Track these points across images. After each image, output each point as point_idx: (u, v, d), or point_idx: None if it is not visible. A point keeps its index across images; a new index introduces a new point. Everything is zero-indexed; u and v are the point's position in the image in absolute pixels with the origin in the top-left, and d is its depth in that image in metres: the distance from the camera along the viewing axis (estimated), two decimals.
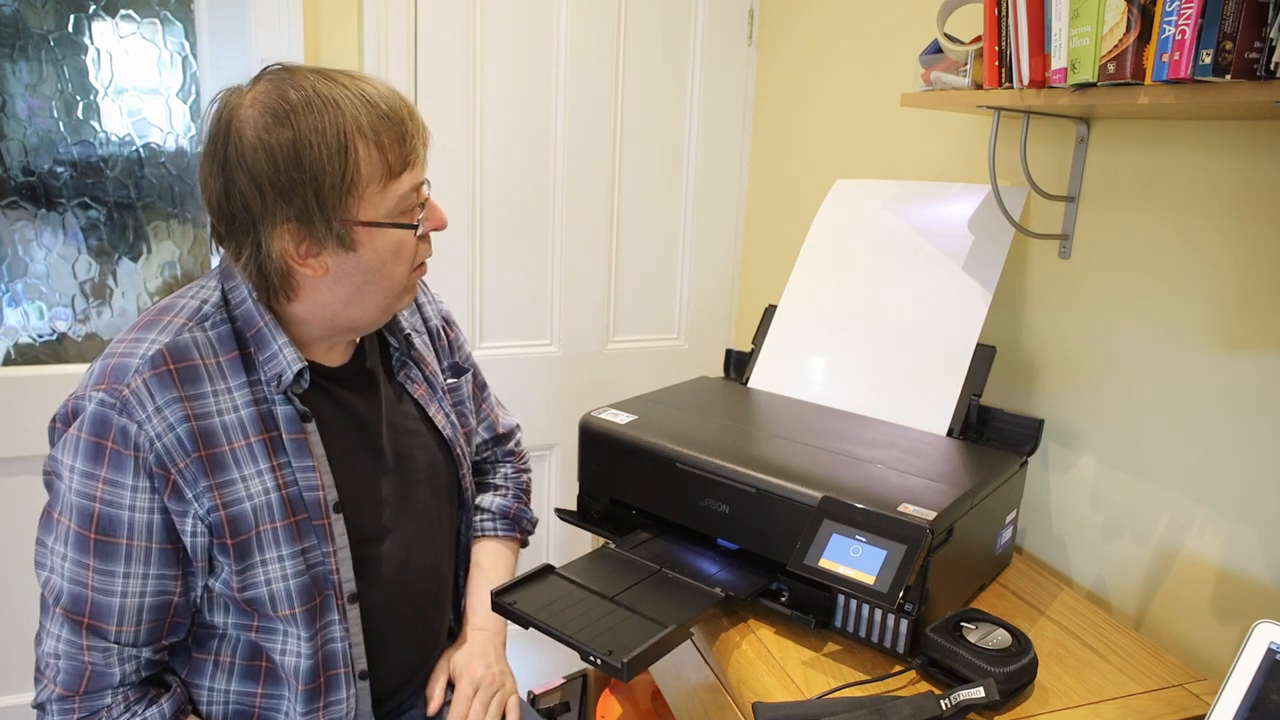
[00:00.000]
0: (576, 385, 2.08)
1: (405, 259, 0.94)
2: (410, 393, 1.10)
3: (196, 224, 1.80)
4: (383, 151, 0.88)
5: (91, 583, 0.88)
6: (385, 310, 0.98)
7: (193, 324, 0.92)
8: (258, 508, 0.91)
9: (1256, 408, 1.03)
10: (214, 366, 0.91)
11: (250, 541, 0.91)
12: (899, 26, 1.61)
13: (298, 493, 0.93)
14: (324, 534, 0.95)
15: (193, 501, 0.88)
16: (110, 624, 0.89)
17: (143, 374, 0.87)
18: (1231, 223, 1.06)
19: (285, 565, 0.92)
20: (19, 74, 1.61)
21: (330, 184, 0.86)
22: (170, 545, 0.89)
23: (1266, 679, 0.75)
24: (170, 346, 0.89)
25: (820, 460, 1.11)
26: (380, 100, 0.89)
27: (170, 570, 0.90)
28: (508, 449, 1.30)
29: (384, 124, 0.88)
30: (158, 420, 0.86)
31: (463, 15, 1.80)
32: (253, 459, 0.91)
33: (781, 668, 0.98)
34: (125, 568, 0.88)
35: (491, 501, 1.24)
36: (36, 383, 1.66)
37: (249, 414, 0.91)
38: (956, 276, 1.30)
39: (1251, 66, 0.80)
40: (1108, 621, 1.11)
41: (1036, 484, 1.33)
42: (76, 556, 0.88)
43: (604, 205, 2.02)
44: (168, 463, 0.86)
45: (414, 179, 0.92)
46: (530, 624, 0.98)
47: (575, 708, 1.74)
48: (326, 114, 0.86)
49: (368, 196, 0.88)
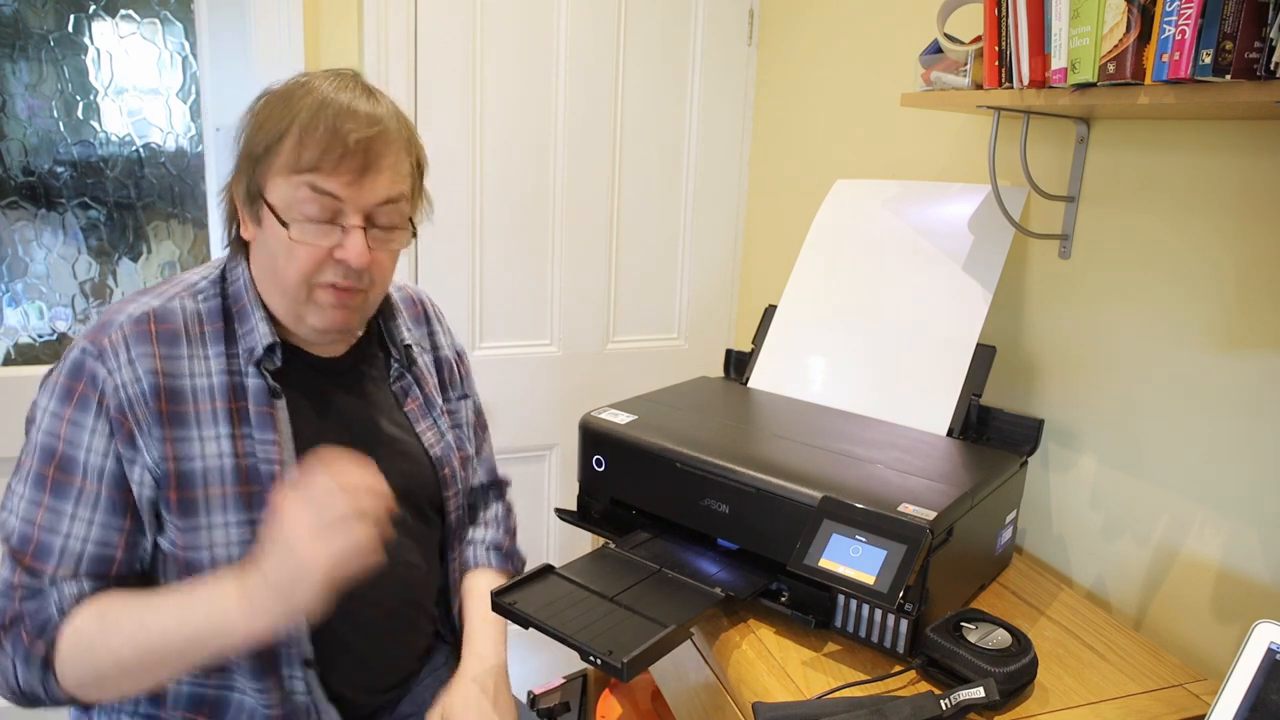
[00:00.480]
0: (576, 385, 2.08)
1: (295, 263, 0.93)
2: (402, 405, 1.11)
3: (196, 224, 1.80)
4: (302, 146, 0.90)
5: (40, 520, 0.89)
6: (292, 314, 0.97)
7: (185, 294, 0.97)
8: (209, 469, 0.92)
9: (1256, 408, 1.03)
10: (196, 334, 0.95)
11: (197, 501, 0.92)
12: (899, 26, 1.61)
13: (254, 464, 0.94)
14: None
15: (143, 450, 0.90)
16: (48, 564, 0.89)
17: (125, 329, 0.92)
18: (1232, 223, 1.06)
19: (231, 532, 0.93)
20: (19, 74, 1.61)
21: (257, 145, 0.93)
22: (118, 493, 0.90)
23: (1266, 679, 0.75)
24: (158, 309, 0.94)
25: (820, 460, 1.11)
26: (343, 109, 0.91)
27: (115, 520, 0.91)
28: (499, 493, 1.30)
29: (318, 123, 0.90)
30: (127, 370, 0.90)
31: (463, 15, 1.80)
32: (214, 422, 0.93)
33: (781, 668, 0.98)
34: (74, 509, 0.90)
35: (485, 535, 1.23)
36: (36, 383, 1.66)
37: (220, 381, 0.95)
38: (956, 276, 1.30)
39: (1251, 66, 0.80)
40: (1108, 621, 1.11)
41: (1036, 484, 1.33)
42: (33, 495, 0.90)
43: (604, 205, 2.02)
44: (127, 410, 0.90)
45: (321, 186, 0.91)
46: (530, 624, 0.98)
47: (575, 708, 1.74)
48: (293, 97, 0.92)
49: (276, 178, 0.92)
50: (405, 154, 0.97)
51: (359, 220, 0.93)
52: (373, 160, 0.92)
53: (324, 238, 0.93)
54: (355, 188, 0.92)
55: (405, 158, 0.97)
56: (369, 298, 1.00)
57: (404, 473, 1.07)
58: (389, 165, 0.94)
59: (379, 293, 1.02)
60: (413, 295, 1.21)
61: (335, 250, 0.93)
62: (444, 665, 1.18)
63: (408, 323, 1.16)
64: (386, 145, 0.93)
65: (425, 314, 1.21)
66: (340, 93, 0.92)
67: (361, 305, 0.99)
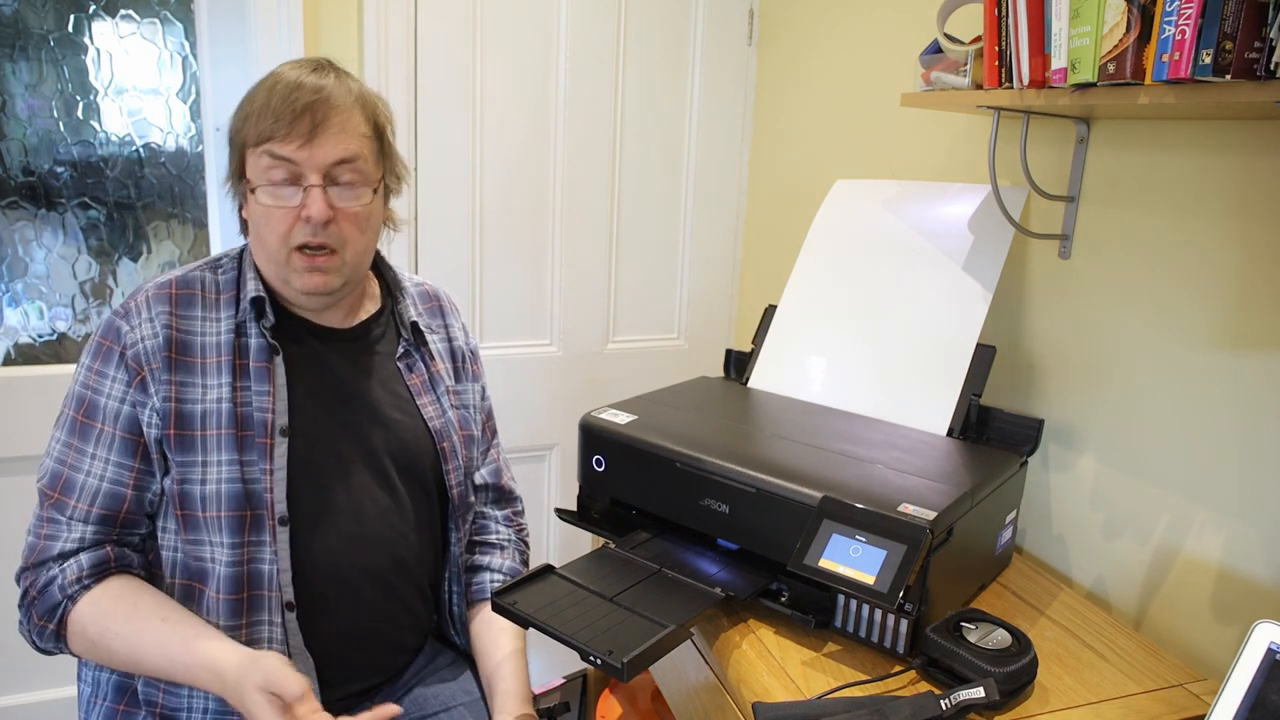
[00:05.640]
0: (576, 385, 2.08)
1: (271, 227, 1.03)
2: (405, 378, 1.15)
3: (196, 224, 1.80)
4: (260, 120, 1.00)
5: (70, 460, 1.01)
6: (280, 279, 1.06)
7: (207, 267, 1.09)
8: (208, 412, 1.02)
9: (1256, 408, 1.03)
10: (211, 300, 1.06)
11: (194, 440, 1.01)
12: (899, 26, 1.61)
13: (249, 412, 1.03)
14: (264, 452, 1.02)
15: (154, 395, 1.01)
16: (71, 498, 1.00)
17: (149, 291, 1.05)
18: (1232, 223, 1.06)
19: (222, 469, 1.01)
20: (19, 74, 1.61)
21: (234, 131, 1.05)
22: (132, 436, 1.01)
23: (1266, 679, 0.75)
24: (179, 277, 1.07)
25: (820, 460, 1.11)
26: (291, 83, 1.01)
27: (128, 460, 1.01)
28: (508, 513, 1.30)
29: (270, 98, 1.00)
30: (146, 326, 1.02)
31: (463, 16, 1.80)
32: (217, 373, 1.03)
33: (781, 668, 0.98)
34: (94, 449, 1.01)
35: (501, 563, 1.24)
36: (36, 383, 1.66)
37: (227, 340, 1.05)
38: (956, 277, 1.30)
39: (1251, 66, 0.80)
40: (1108, 621, 1.11)
41: (1036, 484, 1.33)
42: (65, 438, 1.02)
43: (604, 205, 2.02)
44: (143, 361, 1.01)
45: (277, 152, 1.00)
46: (530, 624, 0.98)
47: (575, 708, 1.74)
48: (261, 85, 1.03)
49: (249, 154, 1.03)
50: (358, 116, 1.05)
51: (317, 179, 1.02)
52: (319, 122, 1.01)
53: (289, 200, 1.02)
54: (307, 149, 1.00)
55: (358, 119, 1.04)
56: (344, 259, 1.06)
57: (402, 439, 1.13)
58: (336, 125, 1.02)
59: (355, 255, 1.07)
60: (430, 290, 1.27)
61: (301, 210, 1.02)
62: (447, 667, 1.18)
63: (420, 309, 1.22)
64: (331, 108, 1.01)
65: (441, 308, 1.26)
66: (294, 71, 1.03)
67: (338, 268, 1.06)
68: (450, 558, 1.19)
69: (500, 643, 1.15)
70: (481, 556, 1.24)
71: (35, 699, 1.73)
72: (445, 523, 1.19)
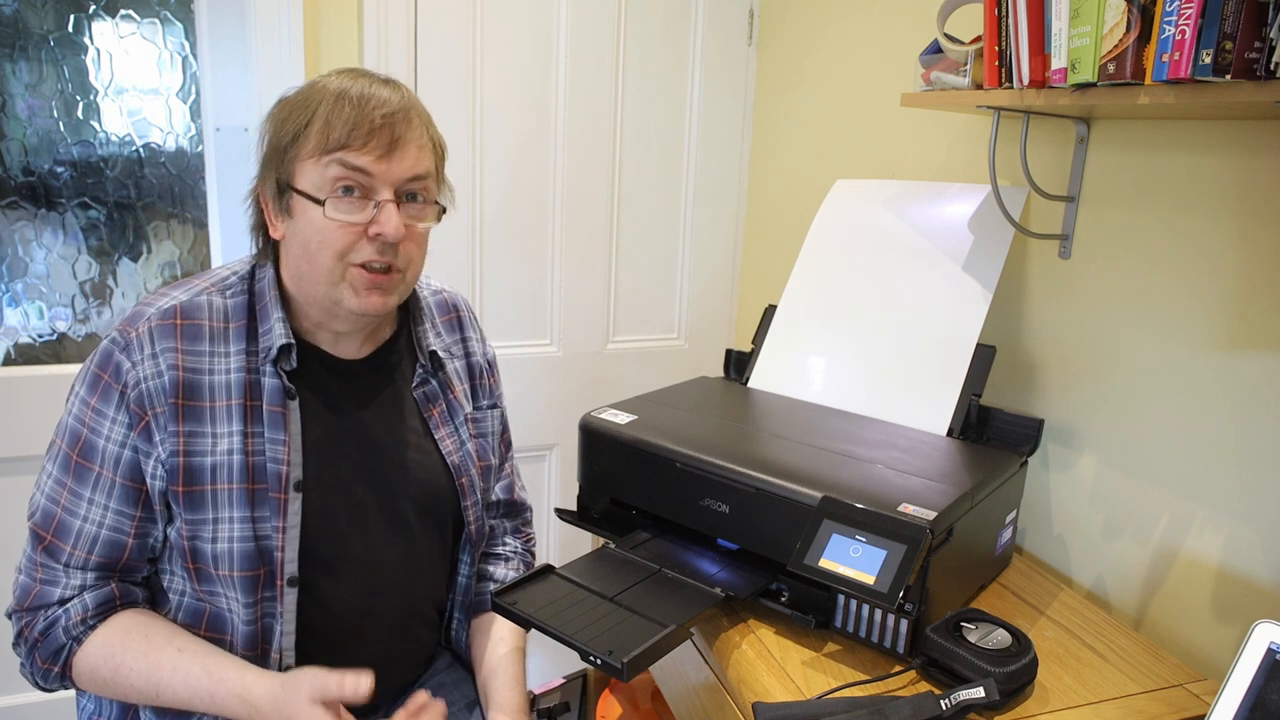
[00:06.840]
0: (576, 385, 2.08)
1: (330, 244, 0.94)
2: (422, 411, 1.10)
3: (196, 224, 1.80)
4: (329, 127, 0.93)
5: (63, 501, 0.95)
6: (329, 299, 0.97)
7: (214, 289, 1.00)
8: (218, 465, 0.95)
9: (1256, 407, 1.03)
10: (220, 330, 0.98)
11: (205, 495, 0.95)
12: (899, 26, 1.61)
13: (262, 463, 0.96)
14: (277, 508, 0.96)
15: (159, 445, 0.94)
16: (66, 544, 0.94)
17: (152, 321, 0.95)
18: (1231, 223, 1.06)
19: (234, 527, 0.95)
20: (19, 74, 1.61)
21: (281, 139, 0.95)
22: (133, 483, 0.95)
23: (1266, 679, 0.75)
24: (185, 304, 0.97)
25: (820, 460, 1.11)
26: (363, 92, 0.94)
27: (128, 509, 0.95)
28: (518, 524, 1.29)
29: (343, 106, 0.93)
30: (150, 364, 0.94)
31: (463, 16, 1.80)
32: (228, 420, 0.96)
33: (781, 668, 0.98)
34: (91, 494, 0.94)
35: (505, 574, 1.22)
36: (36, 383, 1.66)
37: (238, 379, 0.97)
38: (956, 276, 1.30)
39: (1251, 66, 0.80)
40: (1108, 621, 1.11)
41: (1036, 484, 1.33)
42: (59, 475, 0.95)
43: (604, 205, 2.02)
44: (146, 404, 0.93)
45: (351, 162, 0.93)
46: (530, 624, 0.98)
47: (575, 708, 1.74)
48: (311, 92, 0.95)
49: (305, 163, 0.94)
50: (426, 134, 0.99)
51: (390, 195, 0.95)
52: (399, 136, 0.94)
53: (357, 213, 0.94)
54: (385, 162, 0.94)
55: (426, 138, 0.99)
56: (405, 280, 1.00)
57: (421, 479, 1.08)
58: (414, 141, 0.96)
59: (412, 276, 1.02)
60: (449, 299, 1.21)
61: (370, 226, 0.94)
62: (446, 669, 1.18)
63: (438, 328, 1.16)
64: (410, 122, 0.96)
65: (460, 320, 1.20)
66: (356, 80, 0.95)
67: (396, 288, 0.99)
68: (458, 586, 1.17)
69: (503, 638, 1.14)
70: (486, 567, 1.22)
71: (35, 699, 1.74)
72: (457, 554, 1.17)
